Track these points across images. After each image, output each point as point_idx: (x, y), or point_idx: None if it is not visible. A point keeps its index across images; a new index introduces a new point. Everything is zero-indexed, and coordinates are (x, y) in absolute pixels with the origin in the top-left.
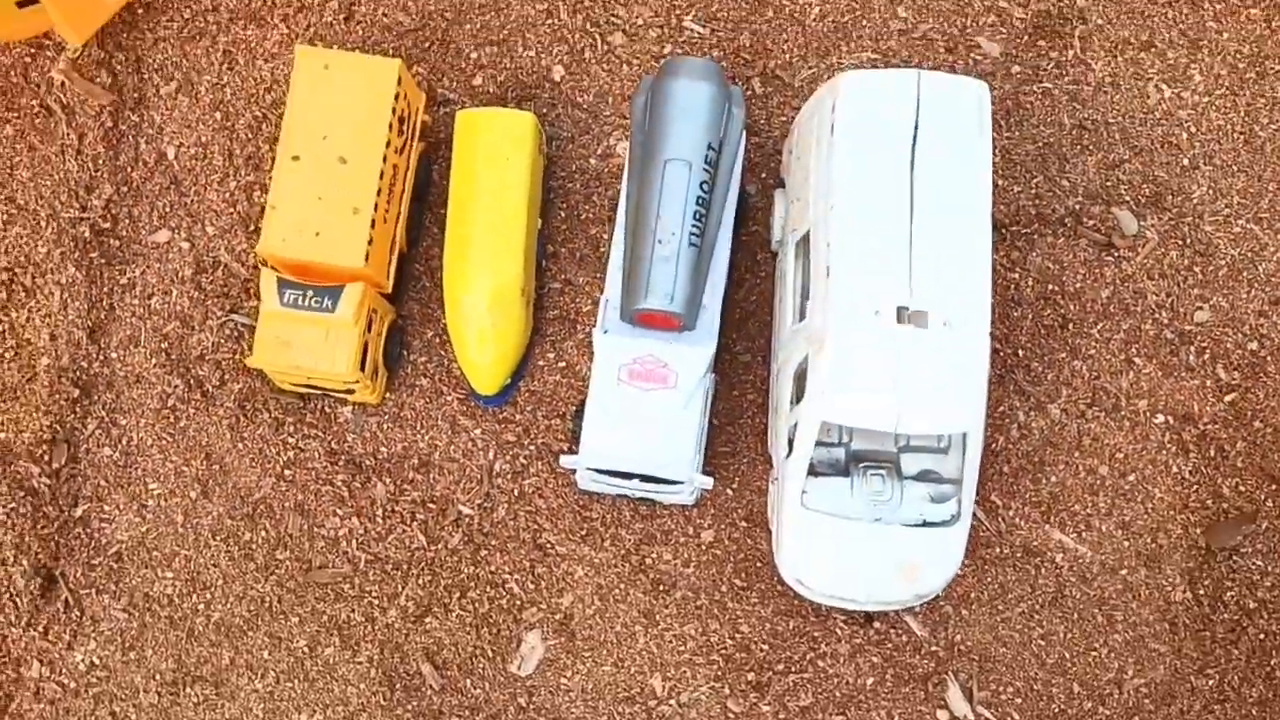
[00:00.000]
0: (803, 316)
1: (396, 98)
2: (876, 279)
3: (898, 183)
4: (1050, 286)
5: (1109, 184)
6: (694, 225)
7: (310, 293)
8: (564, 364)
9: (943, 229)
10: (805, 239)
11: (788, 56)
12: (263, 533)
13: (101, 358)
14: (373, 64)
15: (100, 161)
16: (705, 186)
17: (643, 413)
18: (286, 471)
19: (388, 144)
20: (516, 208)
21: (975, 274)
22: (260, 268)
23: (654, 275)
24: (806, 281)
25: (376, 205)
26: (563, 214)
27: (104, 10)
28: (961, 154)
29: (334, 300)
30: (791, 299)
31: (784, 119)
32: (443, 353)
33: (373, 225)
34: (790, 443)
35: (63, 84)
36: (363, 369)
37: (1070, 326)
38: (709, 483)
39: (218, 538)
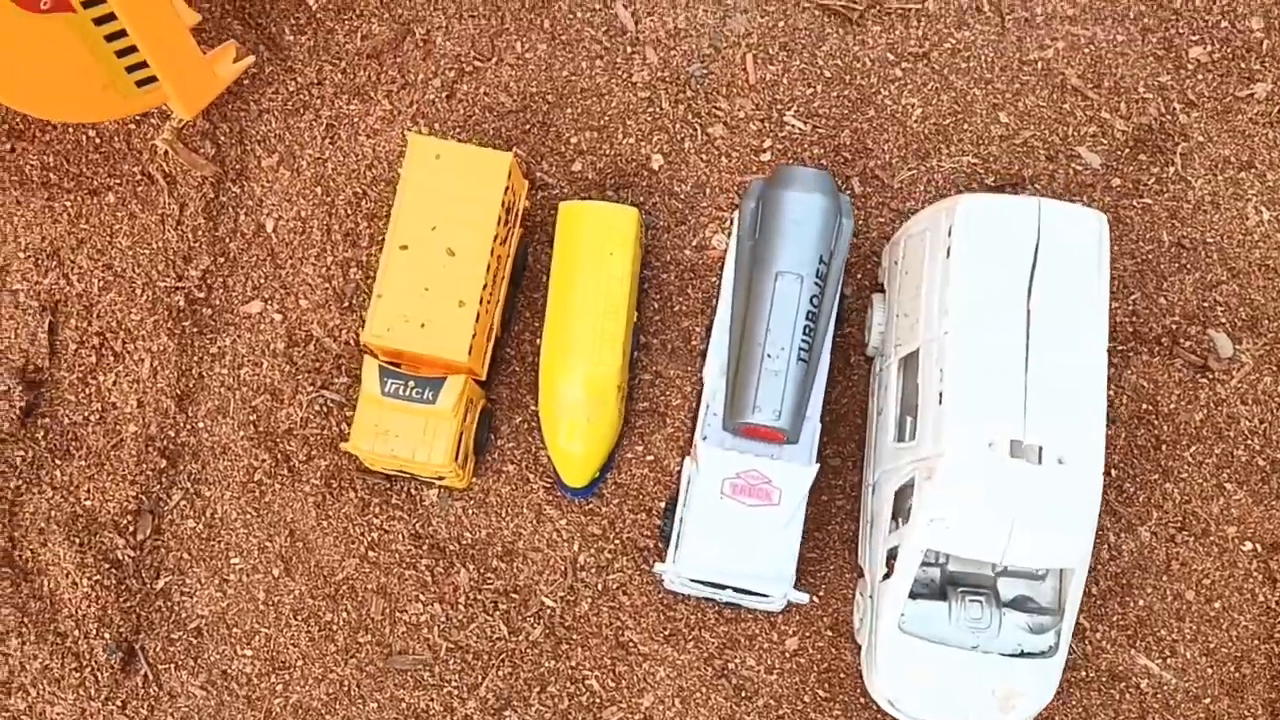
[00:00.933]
0: (902, 435)
1: (505, 190)
2: (991, 411)
3: (1014, 312)
4: (1144, 406)
5: (1206, 304)
6: (803, 340)
7: (412, 383)
8: (652, 458)
9: (1059, 362)
10: (911, 356)
11: (888, 157)
12: (344, 614)
13: (189, 427)
14: (484, 156)
15: (200, 233)
16: (815, 300)
17: (744, 528)
18: (370, 553)
19: (495, 237)
20: (617, 301)
21: (1091, 410)
22: (359, 350)
23: (762, 391)
24: (909, 398)
25: (481, 298)
26: (656, 305)
27: (217, 85)
28: (1080, 286)
29: (435, 392)
30: (894, 415)
31: (882, 220)
32: (530, 439)
33: (477, 319)
34: (889, 562)
35: (166, 153)
36: (455, 457)
37: (1163, 448)
38: (805, 599)
39: (299, 617)
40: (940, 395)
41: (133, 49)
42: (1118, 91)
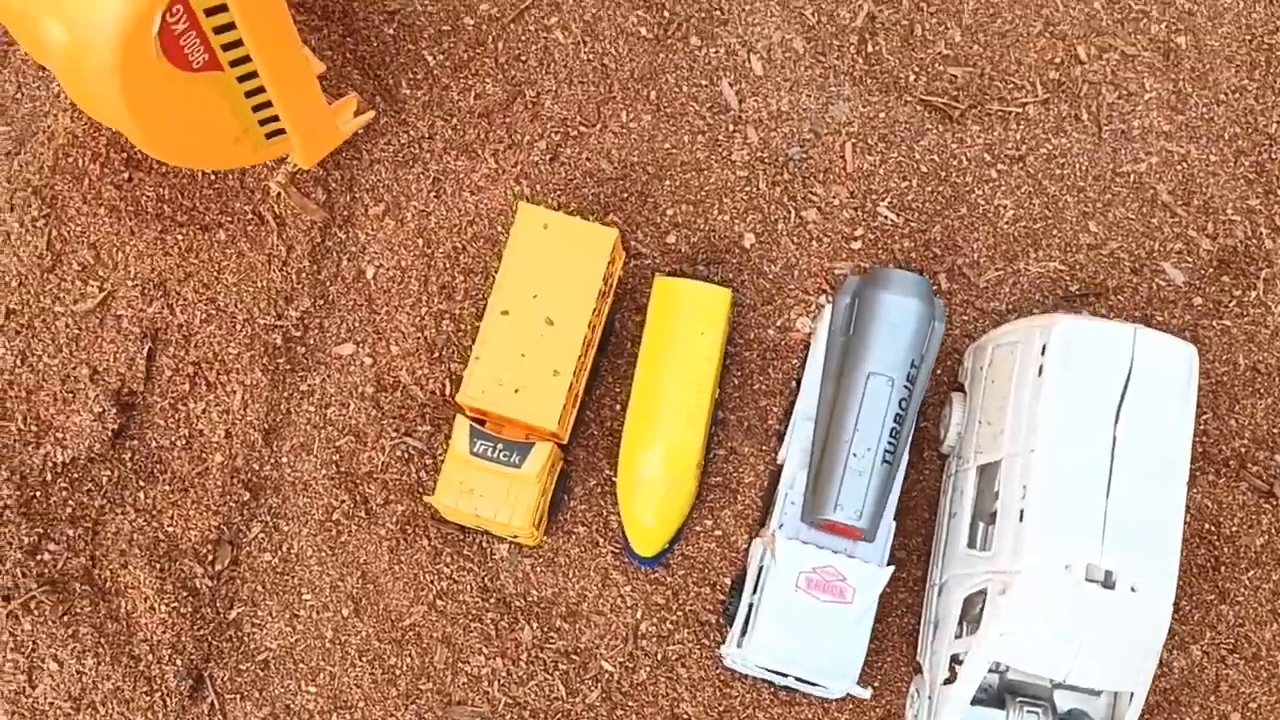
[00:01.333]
0: (974, 542)
1: (608, 263)
2: (1070, 533)
3: (1101, 437)
4: (1207, 526)
5: (1276, 430)
6: (889, 442)
7: (500, 446)
8: (720, 533)
9: (1139, 490)
10: (991, 465)
11: (976, 256)
12: (408, 659)
13: (273, 461)
14: (590, 230)
15: (303, 275)
16: (903, 404)
17: (815, 622)
18: (439, 602)
19: (594, 310)
20: (704, 379)
21: (1167, 541)
22: (444, 400)
23: (845, 489)
24: (986, 505)
25: (575, 369)
26: (735, 381)
27: (337, 137)
28: (1166, 418)
29: (522, 457)
30: (968, 520)
31: (966, 318)
32: (602, 503)
33: (569, 389)
34: (952, 666)
35: (279, 195)
36: (533, 520)
37: (1222, 569)
38: (866, 695)
39: (364, 658)
40: (1021, 513)
41: (267, 104)
42: (1206, 211)
